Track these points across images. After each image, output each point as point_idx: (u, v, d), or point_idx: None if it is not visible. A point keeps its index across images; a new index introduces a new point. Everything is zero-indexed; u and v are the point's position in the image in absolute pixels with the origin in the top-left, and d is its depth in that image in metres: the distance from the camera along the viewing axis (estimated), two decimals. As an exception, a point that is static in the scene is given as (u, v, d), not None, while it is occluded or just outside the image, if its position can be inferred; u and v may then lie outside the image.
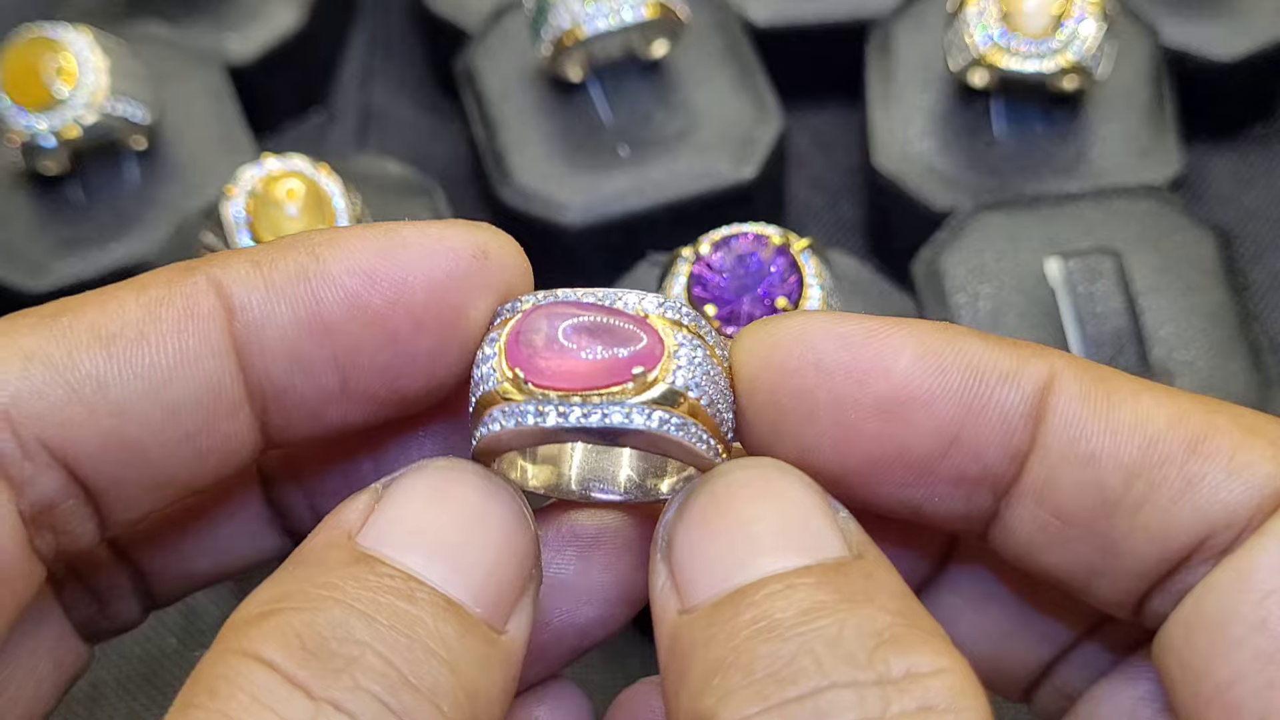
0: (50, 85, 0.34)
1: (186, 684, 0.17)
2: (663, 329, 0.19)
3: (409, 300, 0.19)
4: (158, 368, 0.18)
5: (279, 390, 0.19)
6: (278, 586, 0.17)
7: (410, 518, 0.18)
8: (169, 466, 0.19)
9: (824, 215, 0.38)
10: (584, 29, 0.33)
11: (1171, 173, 0.34)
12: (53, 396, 0.18)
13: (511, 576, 0.18)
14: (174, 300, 0.19)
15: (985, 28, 0.33)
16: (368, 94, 0.41)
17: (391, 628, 0.17)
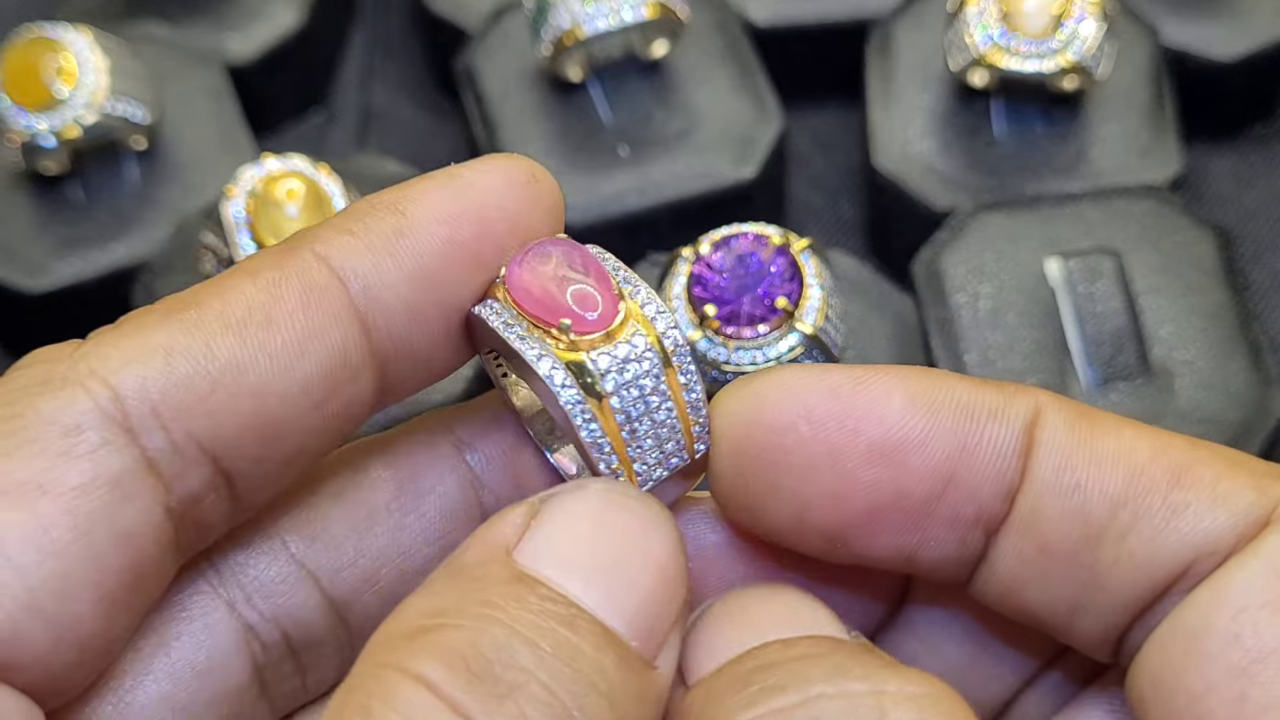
0: (50, 85, 0.34)
1: (337, 698, 0.16)
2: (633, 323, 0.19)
3: (493, 231, 0.20)
4: (289, 345, 0.19)
5: (399, 345, 0.20)
6: (433, 599, 0.17)
7: (570, 541, 0.18)
8: (301, 437, 0.19)
9: (824, 215, 0.38)
10: (584, 29, 0.33)
11: (1171, 173, 0.34)
12: (197, 388, 0.18)
13: (665, 609, 0.18)
14: (290, 279, 0.19)
15: (985, 28, 0.33)
16: (368, 94, 0.41)
17: (555, 656, 0.17)
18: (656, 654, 0.18)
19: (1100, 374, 0.31)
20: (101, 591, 0.18)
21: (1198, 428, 0.30)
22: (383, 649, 0.17)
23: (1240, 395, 0.30)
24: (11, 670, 0.17)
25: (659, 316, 0.19)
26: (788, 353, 0.28)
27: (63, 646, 0.18)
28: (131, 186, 0.36)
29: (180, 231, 0.34)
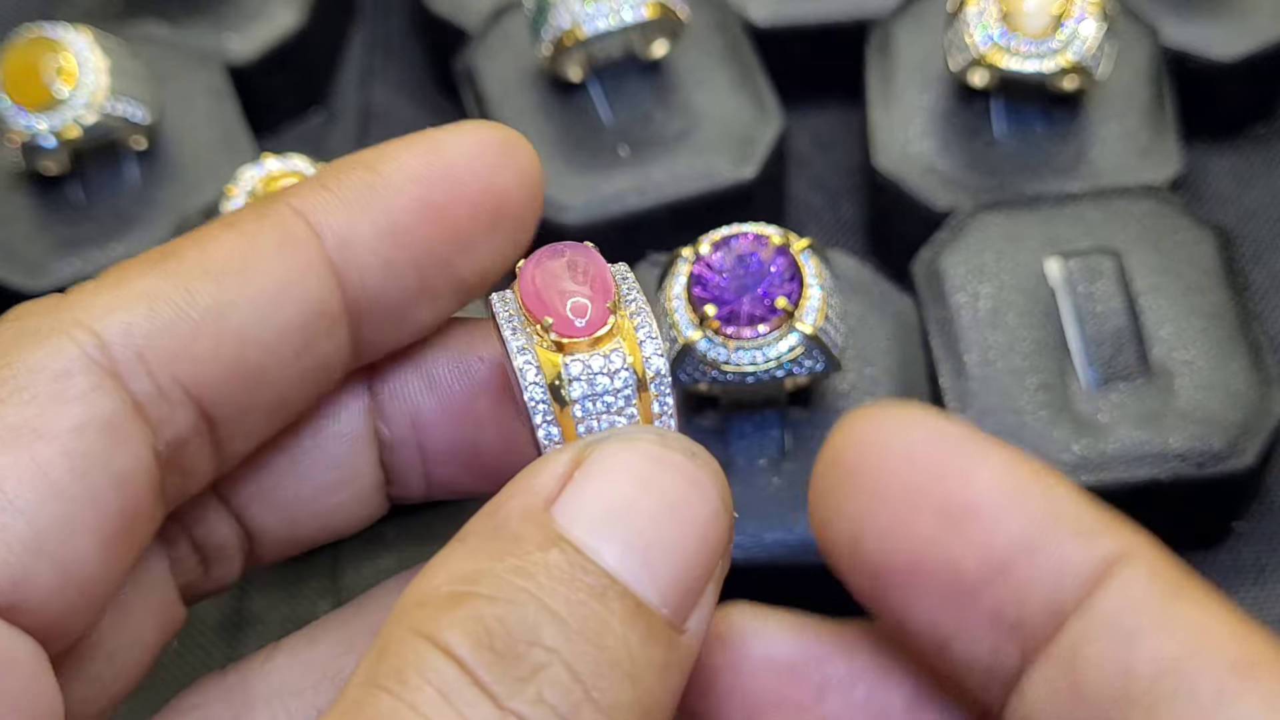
0: (50, 85, 0.33)
1: (368, 655, 0.17)
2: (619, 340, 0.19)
3: (466, 192, 0.20)
4: (266, 292, 0.19)
5: (373, 300, 0.20)
6: (468, 562, 0.17)
7: (610, 500, 0.18)
8: (282, 388, 0.20)
9: (824, 215, 0.38)
10: (584, 29, 0.33)
11: (1171, 173, 0.34)
12: (180, 333, 0.19)
13: (702, 572, 0.18)
14: (268, 231, 0.20)
15: (985, 28, 0.33)
16: (368, 94, 0.41)
17: (580, 634, 0.17)
18: (686, 618, 0.18)
19: (1100, 374, 0.31)
20: (102, 534, 0.18)
21: (1197, 427, 0.30)
22: (415, 613, 0.17)
23: (1240, 395, 0.30)
24: (19, 613, 0.17)
25: (648, 340, 0.19)
26: (788, 352, 0.28)
27: (68, 589, 0.18)
28: (132, 186, 0.36)
29: (180, 231, 0.34)
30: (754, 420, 0.30)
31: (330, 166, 0.21)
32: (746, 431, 0.30)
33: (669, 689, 0.18)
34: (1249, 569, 0.31)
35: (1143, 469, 0.30)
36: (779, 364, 0.28)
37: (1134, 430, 0.30)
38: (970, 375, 0.31)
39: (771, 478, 0.30)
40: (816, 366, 0.28)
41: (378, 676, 0.16)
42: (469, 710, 0.16)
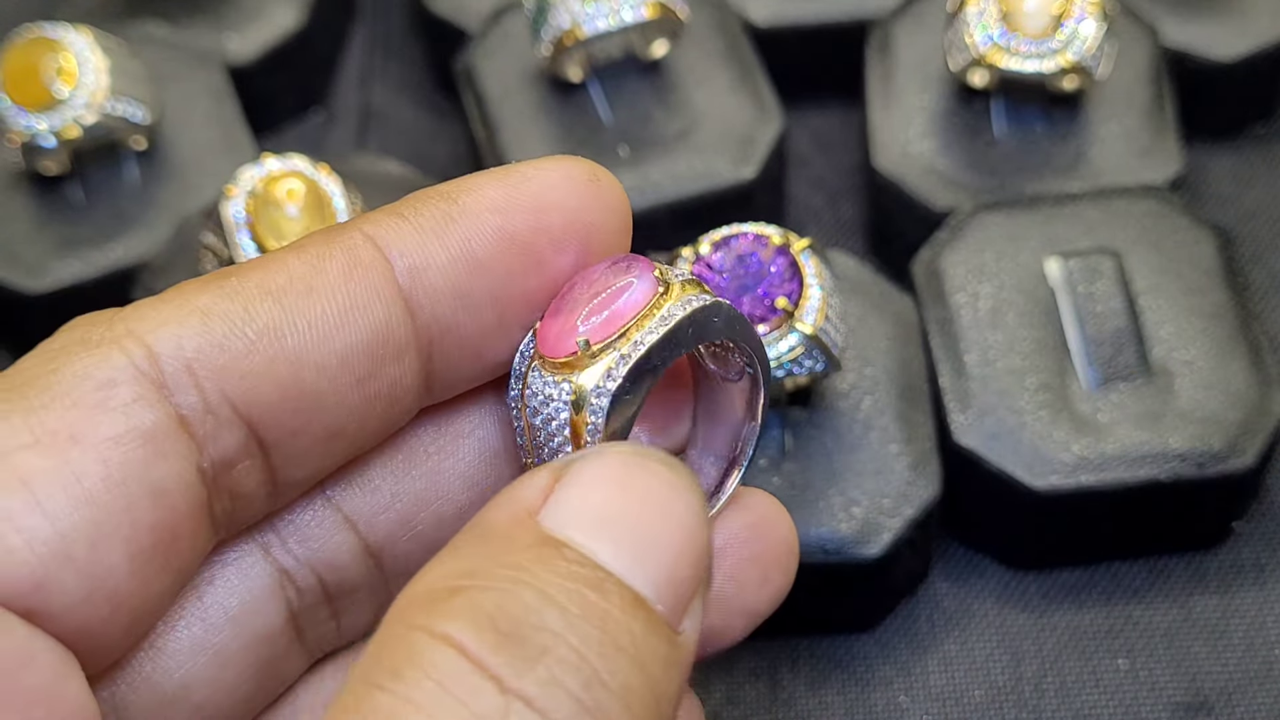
0: (50, 85, 0.33)
1: (364, 657, 0.16)
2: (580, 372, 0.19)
3: (549, 224, 0.20)
4: (328, 315, 0.19)
5: (445, 329, 0.20)
6: (460, 561, 0.17)
7: (596, 504, 0.18)
8: (340, 415, 0.19)
9: (824, 215, 0.38)
10: (584, 29, 0.33)
11: (1171, 173, 0.34)
12: (233, 349, 0.18)
13: (690, 574, 0.18)
14: (335, 254, 0.19)
15: (985, 28, 0.33)
16: (368, 94, 0.41)
17: (583, 618, 0.16)
18: (681, 620, 0.18)
19: (1100, 374, 0.31)
20: (134, 546, 0.18)
21: (1197, 427, 0.30)
22: (410, 610, 0.17)
23: (1240, 395, 0.30)
24: (42, 616, 0.17)
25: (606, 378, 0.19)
26: (788, 352, 0.28)
27: (96, 599, 0.17)
28: (131, 187, 0.35)
29: (180, 232, 0.34)
30: None
31: (409, 197, 0.20)
32: None
33: (673, 682, 0.17)
34: (1249, 569, 0.31)
35: (1143, 469, 0.30)
36: (779, 364, 0.28)
37: (1134, 430, 0.30)
38: (970, 375, 0.31)
39: (771, 478, 0.30)
40: (816, 366, 0.28)
41: (372, 675, 0.16)
42: (471, 698, 0.16)
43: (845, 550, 0.29)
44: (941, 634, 0.31)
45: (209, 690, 0.20)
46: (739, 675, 0.31)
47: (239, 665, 0.20)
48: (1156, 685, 0.30)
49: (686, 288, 0.19)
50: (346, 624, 0.22)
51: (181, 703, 0.20)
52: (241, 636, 0.20)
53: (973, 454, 0.30)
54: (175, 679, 0.20)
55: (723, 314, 0.20)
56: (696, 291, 0.20)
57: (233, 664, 0.20)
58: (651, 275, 0.19)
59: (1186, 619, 0.31)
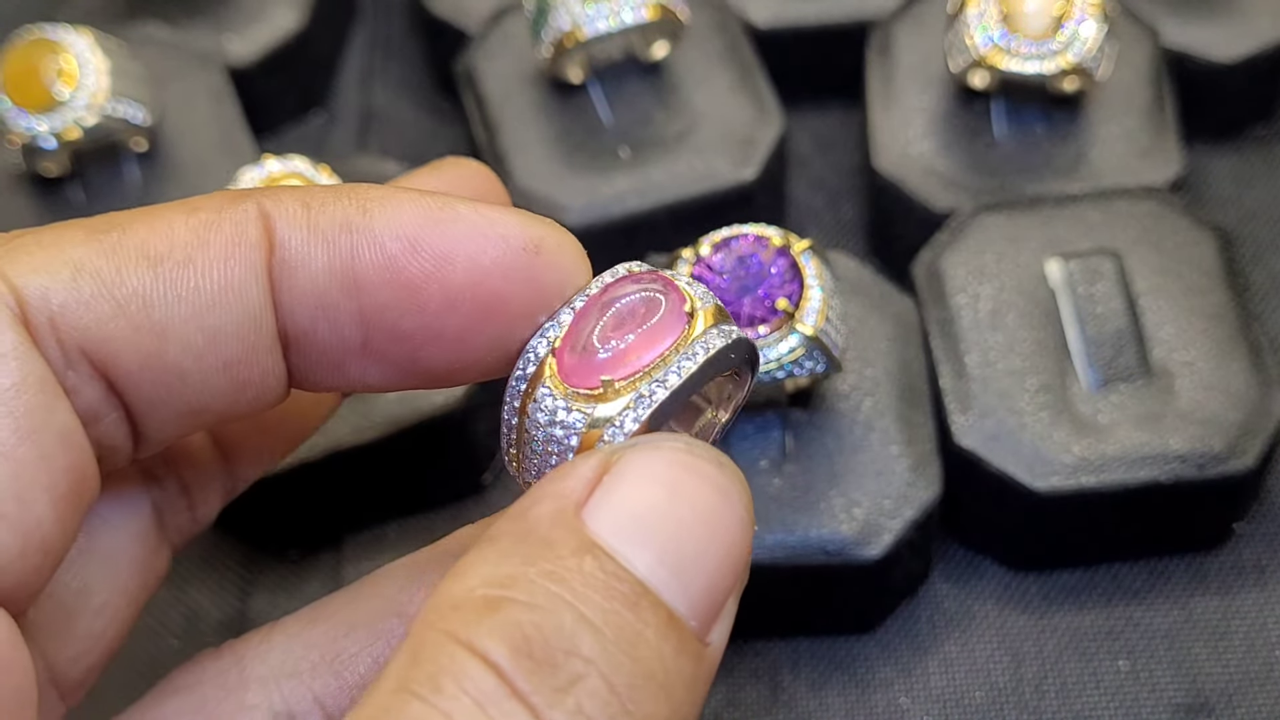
0: (51, 87, 0.33)
1: (400, 657, 0.16)
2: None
3: (445, 277, 0.19)
4: (203, 292, 0.18)
5: (300, 332, 0.19)
6: (501, 565, 0.17)
7: (641, 508, 0.17)
8: (205, 394, 0.19)
9: (824, 216, 0.38)
10: (584, 30, 0.33)
11: (1172, 174, 0.34)
12: (99, 310, 0.18)
13: (727, 584, 0.18)
14: (222, 226, 0.18)
15: (985, 29, 0.33)
16: (368, 95, 0.41)
17: (616, 643, 0.16)
18: (711, 630, 0.18)
19: (1101, 375, 0.31)
20: (55, 493, 0.17)
21: (1198, 428, 0.30)
22: (449, 615, 0.16)
23: (1241, 396, 0.30)
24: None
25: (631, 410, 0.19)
26: (788, 353, 0.28)
27: (29, 551, 0.17)
28: (132, 188, 0.35)
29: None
30: (755, 421, 0.30)
31: (333, 187, 0.19)
32: (747, 433, 0.30)
33: (696, 703, 0.17)
34: (1250, 570, 0.31)
35: (1143, 470, 0.29)
36: (780, 365, 0.28)
37: (1134, 431, 0.30)
38: (970, 376, 0.31)
39: (772, 479, 0.30)
40: (817, 368, 0.28)
41: (410, 682, 0.16)
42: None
43: (846, 551, 0.29)
44: (942, 635, 0.31)
45: (105, 591, 0.20)
46: (740, 676, 0.31)
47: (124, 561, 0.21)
48: (1157, 686, 0.30)
49: (710, 317, 0.19)
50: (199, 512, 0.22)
51: (83, 608, 0.20)
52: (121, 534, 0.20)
53: (973, 455, 0.30)
54: (73, 588, 0.20)
55: (740, 350, 0.19)
56: (719, 321, 0.19)
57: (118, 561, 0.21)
58: (682, 309, 0.18)
59: (1187, 620, 0.31)
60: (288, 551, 0.33)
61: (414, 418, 0.31)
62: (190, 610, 0.32)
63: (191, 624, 0.32)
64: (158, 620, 0.32)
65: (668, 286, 0.19)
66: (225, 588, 0.32)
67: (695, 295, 0.19)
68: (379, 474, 0.32)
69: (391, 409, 0.31)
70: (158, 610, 0.32)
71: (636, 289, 0.19)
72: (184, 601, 0.32)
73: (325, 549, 0.33)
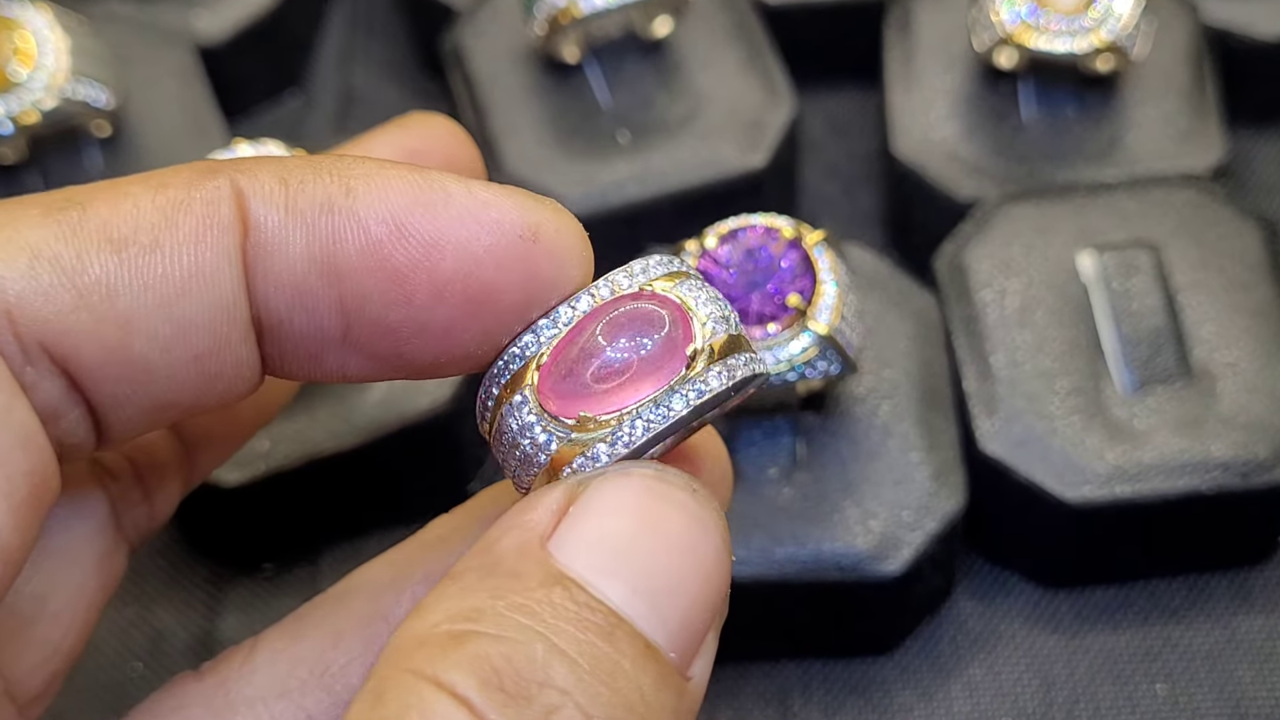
0: (5, 67, 0.33)
1: (361, 700, 0.16)
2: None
3: (433, 266, 0.18)
4: (171, 279, 0.18)
5: (275, 322, 0.18)
6: (466, 599, 0.17)
7: (611, 536, 0.17)
8: (173, 388, 0.18)
9: (839, 206, 0.38)
10: (580, 6, 0.33)
11: (1213, 160, 0.34)
12: (59, 301, 0.17)
13: (706, 616, 0.18)
14: (193, 206, 0.18)
15: (1013, 4, 0.33)
16: (348, 75, 0.41)
17: (593, 674, 0.16)
18: (691, 664, 0.18)
19: (1137, 376, 0.30)
20: (14, 499, 0.17)
21: (1241, 434, 0.29)
22: (413, 653, 0.16)
23: (1289, 399, 0.30)
24: None
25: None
26: (800, 354, 0.27)
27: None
28: (94, 175, 0.35)
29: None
30: (764, 427, 0.29)
31: (314, 160, 0.19)
32: (756, 439, 0.29)
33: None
34: (1296, 586, 0.31)
35: (1183, 479, 0.29)
36: (791, 366, 0.27)
37: (1173, 437, 0.29)
38: (996, 378, 0.30)
39: (782, 488, 0.29)
40: (831, 369, 0.28)
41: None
42: None
43: (862, 567, 0.29)
44: (966, 657, 0.30)
45: (62, 596, 0.20)
46: (746, 700, 0.30)
47: (81, 563, 0.21)
48: (1198, 712, 0.29)
49: (717, 352, 0.18)
50: (158, 507, 0.22)
51: (40, 615, 0.20)
52: (77, 534, 0.21)
53: (1000, 463, 0.30)
54: (26, 593, 0.20)
55: (741, 388, 0.18)
56: (727, 353, 0.18)
57: (77, 563, 0.21)
58: (684, 350, 0.18)
59: (1230, 640, 0.30)
60: (261, 566, 0.32)
61: (397, 422, 0.31)
62: (155, 631, 0.32)
63: (157, 646, 0.32)
64: (120, 643, 0.31)
65: (677, 319, 0.18)
66: (193, 606, 0.32)
67: (706, 330, 0.18)
68: (359, 482, 0.31)
69: (373, 413, 0.31)
70: (120, 632, 0.32)
71: (643, 316, 0.18)
72: (148, 622, 0.32)
73: (300, 563, 0.33)
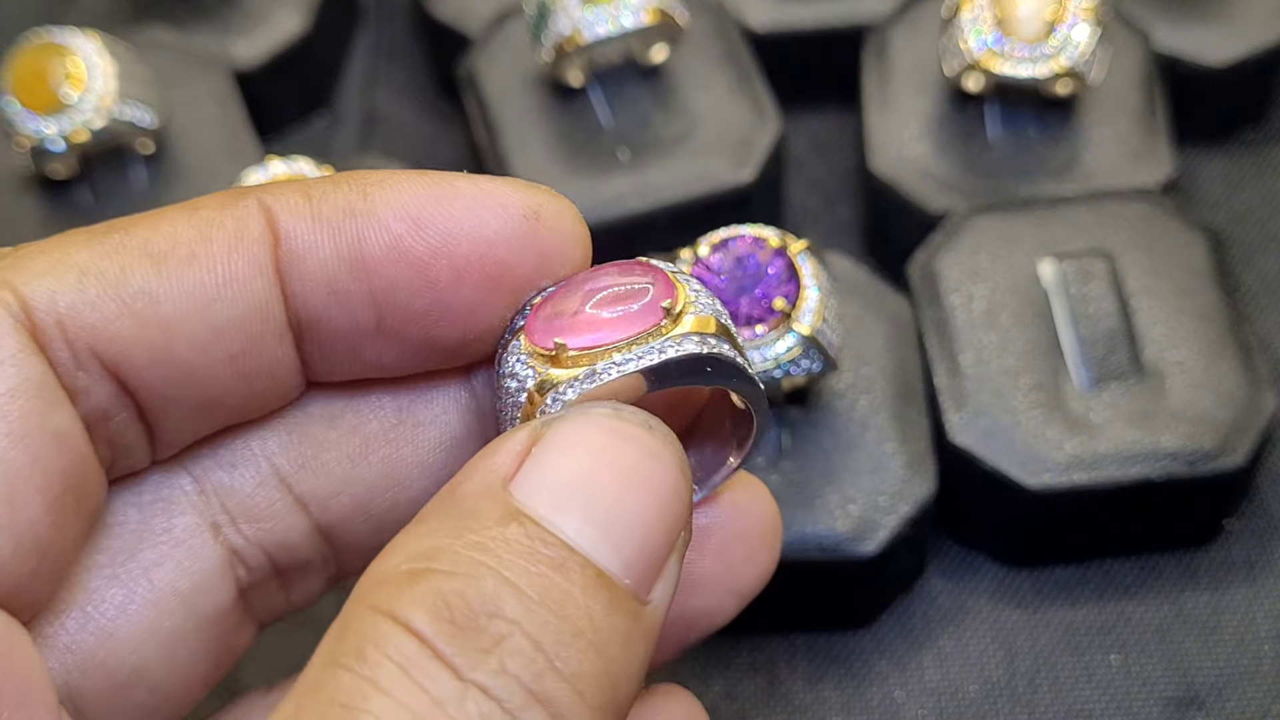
0: (58, 90, 0.34)
1: (328, 636, 0.16)
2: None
3: (452, 250, 0.19)
4: (206, 286, 0.18)
5: (314, 320, 0.19)
6: (427, 539, 0.17)
7: (568, 474, 0.17)
8: (215, 388, 0.19)
9: (821, 217, 0.38)
10: (584, 34, 0.33)
11: (1163, 176, 0.34)
12: (105, 310, 0.18)
13: (664, 542, 0.18)
14: (224, 222, 0.18)
15: (980, 33, 0.33)
16: (371, 98, 0.41)
17: (541, 604, 0.16)
18: (651, 588, 0.18)
19: (1093, 374, 0.31)
20: (49, 495, 0.17)
21: (1189, 426, 0.30)
22: (374, 591, 0.16)
23: (1231, 395, 0.30)
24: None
25: None
26: (785, 353, 0.28)
27: (23, 553, 0.17)
28: (139, 190, 0.36)
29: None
30: None
31: (331, 176, 0.19)
32: None
33: (635, 658, 0.17)
34: (1240, 566, 0.32)
35: (1135, 468, 0.30)
36: (777, 364, 0.28)
37: (1126, 429, 0.30)
38: (965, 375, 0.31)
39: (769, 476, 0.30)
40: (814, 367, 0.28)
41: (337, 655, 0.16)
42: (429, 683, 0.16)
43: (842, 548, 0.29)
44: (937, 630, 0.31)
45: (163, 671, 0.20)
46: (737, 670, 0.31)
47: (191, 645, 0.20)
48: (1148, 680, 0.30)
49: (702, 325, 0.18)
50: (297, 595, 0.22)
51: (136, 686, 0.20)
52: (193, 617, 0.20)
53: (968, 453, 0.30)
54: (128, 664, 0.20)
55: (721, 366, 0.18)
56: (712, 333, 0.18)
57: (185, 644, 0.20)
58: (660, 305, 0.18)
59: (1178, 615, 0.31)
60: None
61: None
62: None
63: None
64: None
65: (659, 279, 0.19)
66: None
67: (691, 300, 0.19)
68: None
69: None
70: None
71: (636, 274, 0.19)
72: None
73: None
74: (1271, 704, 0.30)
